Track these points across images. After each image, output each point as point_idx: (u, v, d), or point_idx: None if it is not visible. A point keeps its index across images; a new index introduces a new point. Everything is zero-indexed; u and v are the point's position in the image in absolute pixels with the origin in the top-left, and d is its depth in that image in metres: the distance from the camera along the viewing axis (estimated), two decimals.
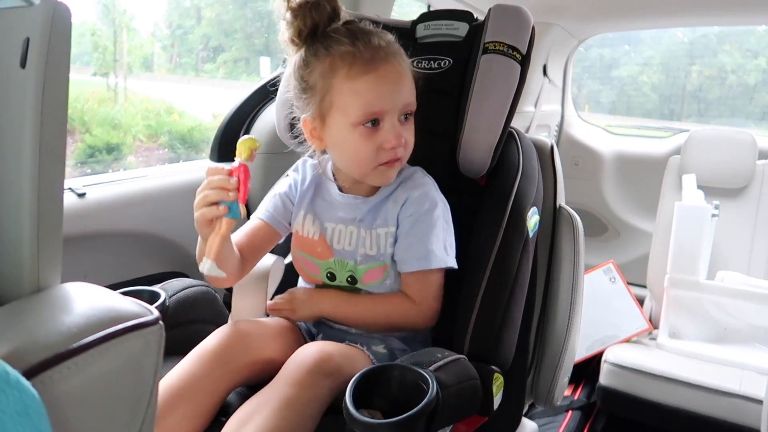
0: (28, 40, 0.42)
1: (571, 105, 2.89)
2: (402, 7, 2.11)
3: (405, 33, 1.24)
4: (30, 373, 0.34)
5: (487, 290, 0.99)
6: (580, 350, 1.92)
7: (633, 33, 3.84)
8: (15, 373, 0.33)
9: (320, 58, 0.93)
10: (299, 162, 1.13)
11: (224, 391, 0.89)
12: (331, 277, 1.05)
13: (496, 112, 1.04)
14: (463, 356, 0.91)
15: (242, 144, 0.87)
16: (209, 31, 3.39)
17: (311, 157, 1.11)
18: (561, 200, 1.25)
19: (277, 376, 0.85)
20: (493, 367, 0.96)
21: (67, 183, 1.28)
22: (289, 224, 1.09)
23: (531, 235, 1.08)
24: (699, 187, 2.07)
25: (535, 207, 1.11)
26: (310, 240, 1.06)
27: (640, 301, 2.11)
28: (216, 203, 0.83)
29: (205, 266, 0.85)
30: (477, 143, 1.05)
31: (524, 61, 1.05)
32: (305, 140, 1.04)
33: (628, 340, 1.99)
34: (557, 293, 1.20)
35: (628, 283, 2.09)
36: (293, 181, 1.10)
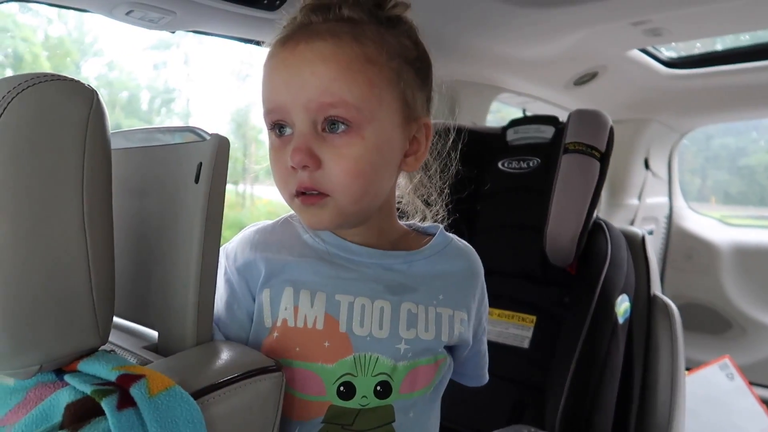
0: (200, 164, 0.61)
1: (680, 197, 2.84)
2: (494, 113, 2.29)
3: (497, 137, 1.39)
4: (194, 396, 0.48)
5: (576, 374, 1.04)
6: None
7: (761, 120, 3.67)
8: (187, 394, 0.47)
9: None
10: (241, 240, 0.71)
11: None
12: (347, 391, 0.63)
13: (577, 204, 1.13)
14: None
15: None
16: None
17: None
18: (656, 289, 1.27)
19: None
20: None
21: None
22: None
23: (621, 321, 1.12)
24: None
25: (625, 294, 1.15)
26: (310, 333, 0.63)
27: None
28: None
29: None
30: (561, 234, 1.13)
31: (604, 159, 1.14)
32: None
33: None
34: (655, 383, 1.20)
35: (763, 386, 1.95)
36: (231, 269, 0.69)
